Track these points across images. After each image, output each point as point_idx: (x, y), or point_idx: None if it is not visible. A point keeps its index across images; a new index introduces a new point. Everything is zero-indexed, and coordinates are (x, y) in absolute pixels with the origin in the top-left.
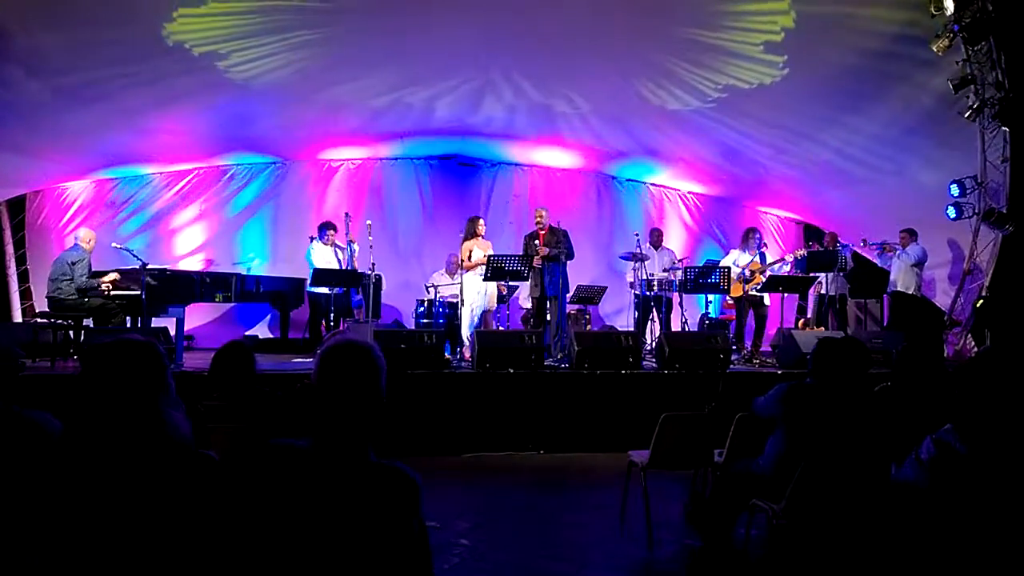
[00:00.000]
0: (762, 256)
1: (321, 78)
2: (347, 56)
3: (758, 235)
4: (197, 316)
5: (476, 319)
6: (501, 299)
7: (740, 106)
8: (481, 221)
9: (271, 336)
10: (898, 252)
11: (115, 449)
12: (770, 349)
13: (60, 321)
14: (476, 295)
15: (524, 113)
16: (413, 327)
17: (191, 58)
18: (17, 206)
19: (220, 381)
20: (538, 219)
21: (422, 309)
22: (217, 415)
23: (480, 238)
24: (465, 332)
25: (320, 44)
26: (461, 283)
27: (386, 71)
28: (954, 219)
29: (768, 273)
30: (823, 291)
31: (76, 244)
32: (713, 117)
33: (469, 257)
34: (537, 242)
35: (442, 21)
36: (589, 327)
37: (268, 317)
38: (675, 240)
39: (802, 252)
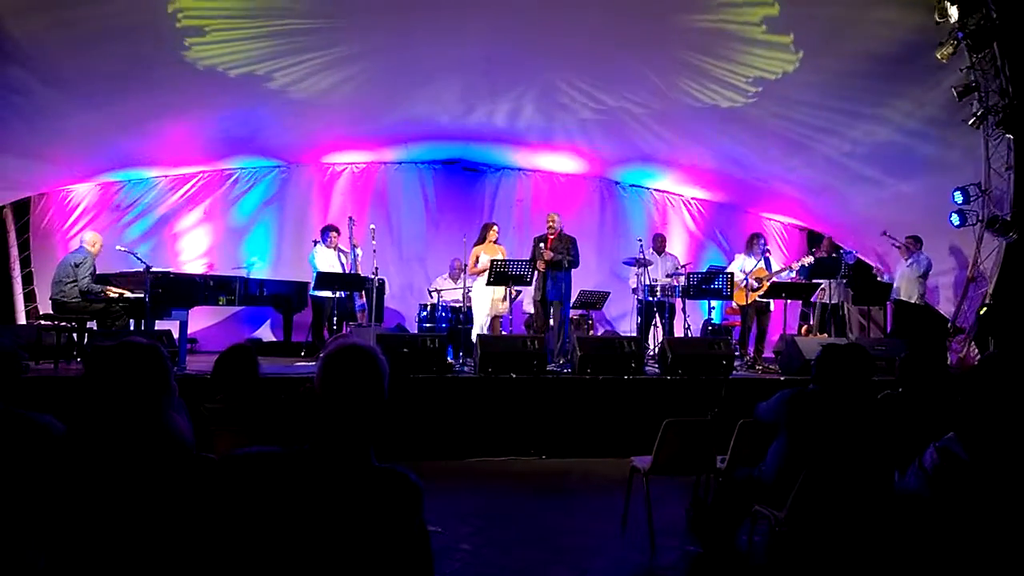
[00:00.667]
0: (767, 262)
1: (326, 83)
2: (351, 60)
3: (762, 241)
4: (200, 319)
5: (484, 327)
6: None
7: (743, 113)
8: (495, 227)
9: (274, 339)
10: (909, 260)
11: (118, 451)
12: (773, 355)
13: (63, 323)
14: (485, 302)
15: (527, 118)
16: (416, 331)
17: (196, 66)
18: (22, 209)
19: (224, 384)
20: (549, 223)
21: (425, 313)
22: (220, 418)
23: (490, 243)
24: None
25: (321, 44)
26: (466, 288)
27: (391, 75)
28: (958, 226)
29: (774, 279)
30: (826, 298)
31: (81, 246)
32: (717, 124)
33: (476, 262)
34: (543, 246)
35: (445, 21)
36: (592, 332)
37: (271, 320)
38: (678, 246)
39: (809, 259)
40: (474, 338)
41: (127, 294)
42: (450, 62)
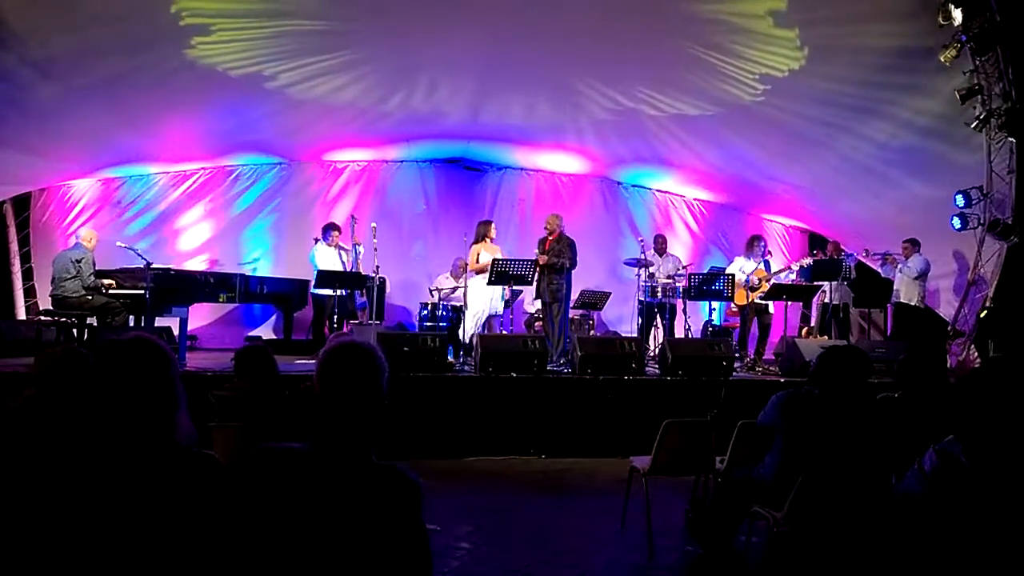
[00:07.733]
0: (766, 264)
1: (325, 78)
2: (352, 55)
3: (763, 243)
4: (200, 316)
5: (479, 325)
6: (506, 303)
7: (746, 114)
8: (492, 225)
9: (274, 337)
10: (900, 266)
11: (125, 446)
12: (773, 357)
13: (64, 319)
14: (483, 300)
15: (529, 117)
16: (417, 330)
17: (196, 61)
18: (22, 204)
19: (247, 374)
20: (547, 226)
21: (426, 312)
22: (228, 405)
23: (489, 242)
24: (466, 337)
25: (324, 44)
26: (466, 287)
27: (392, 72)
28: (959, 230)
29: (773, 281)
30: (827, 300)
31: (78, 243)
32: (720, 125)
33: (476, 260)
34: (538, 252)
35: (445, 23)
36: (592, 332)
37: (272, 318)
38: (680, 247)
39: (808, 260)
40: (464, 337)
41: (117, 290)
42: (453, 62)
